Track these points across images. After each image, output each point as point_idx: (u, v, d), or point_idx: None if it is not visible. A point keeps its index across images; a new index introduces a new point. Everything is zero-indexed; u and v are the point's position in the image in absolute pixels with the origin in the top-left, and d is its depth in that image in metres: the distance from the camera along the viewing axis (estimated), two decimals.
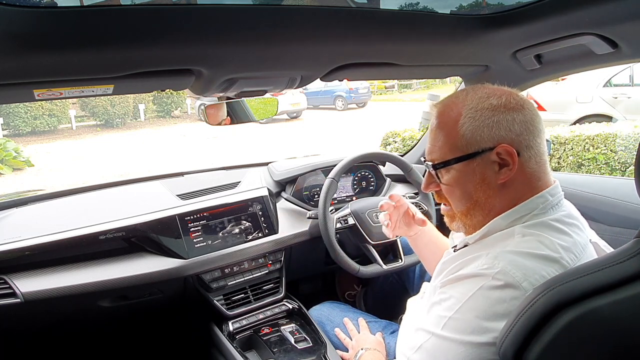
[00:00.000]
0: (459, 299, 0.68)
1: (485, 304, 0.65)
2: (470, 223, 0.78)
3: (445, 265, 0.78)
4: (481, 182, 0.74)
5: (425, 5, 0.96)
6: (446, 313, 0.70)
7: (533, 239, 0.69)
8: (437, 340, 0.70)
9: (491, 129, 0.72)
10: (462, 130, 0.74)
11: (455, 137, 0.75)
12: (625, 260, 0.53)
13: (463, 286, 0.69)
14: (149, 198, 1.44)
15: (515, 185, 0.73)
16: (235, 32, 0.77)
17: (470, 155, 0.74)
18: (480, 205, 0.75)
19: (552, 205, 0.74)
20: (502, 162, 0.72)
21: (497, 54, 1.16)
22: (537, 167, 0.74)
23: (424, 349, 0.72)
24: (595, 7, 0.85)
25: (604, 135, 3.70)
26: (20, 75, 0.76)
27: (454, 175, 0.76)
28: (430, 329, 0.72)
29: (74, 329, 1.46)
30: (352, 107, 13.60)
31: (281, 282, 1.50)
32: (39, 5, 0.66)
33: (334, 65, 1.02)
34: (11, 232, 1.21)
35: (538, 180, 0.74)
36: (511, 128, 0.72)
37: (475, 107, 0.74)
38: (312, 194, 1.69)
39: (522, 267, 0.65)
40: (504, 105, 0.73)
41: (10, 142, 8.06)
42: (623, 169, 3.60)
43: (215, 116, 1.22)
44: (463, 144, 0.74)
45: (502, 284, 0.65)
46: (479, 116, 0.73)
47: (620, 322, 0.51)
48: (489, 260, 0.68)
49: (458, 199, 0.78)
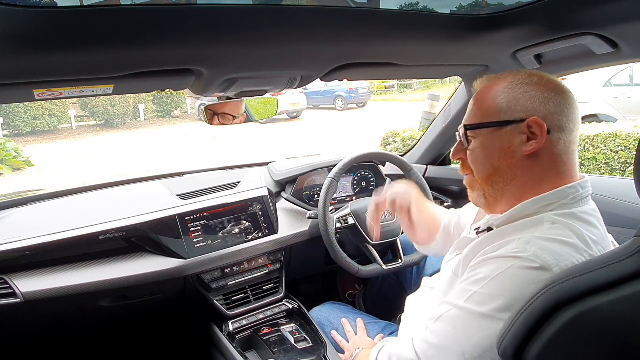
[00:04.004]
0: (487, 275, 0.69)
1: (514, 282, 0.66)
2: (490, 192, 0.79)
3: (473, 251, 0.77)
4: (506, 150, 0.75)
5: (425, 5, 0.96)
6: (472, 287, 0.70)
7: (564, 227, 0.70)
8: (458, 311, 0.71)
9: (526, 101, 0.74)
10: (498, 99, 0.76)
11: (490, 104, 0.77)
12: (625, 258, 0.53)
13: (493, 264, 0.69)
14: (149, 198, 1.44)
15: (540, 162, 0.74)
16: (235, 32, 0.77)
17: (501, 122, 0.75)
18: (501, 173, 0.76)
19: (582, 197, 0.74)
20: (531, 135, 0.73)
21: (497, 54, 1.16)
22: (565, 151, 0.75)
23: (444, 319, 0.73)
24: (595, 7, 0.85)
25: (604, 135, 3.70)
26: (20, 75, 0.76)
27: (481, 141, 0.78)
28: (453, 301, 0.72)
29: (74, 329, 1.46)
30: (352, 107, 13.60)
31: (281, 282, 1.50)
32: (39, 5, 0.66)
33: (334, 65, 1.02)
34: (11, 232, 1.21)
35: (563, 164, 0.75)
36: (546, 104, 0.73)
37: (516, 81, 0.76)
38: (312, 194, 1.69)
39: (555, 252, 0.66)
40: (544, 84, 0.75)
41: (10, 142, 8.06)
42: (623, 169, 3.60)
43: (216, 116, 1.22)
44: (496, 112, 0.76)
45: (534, 266, 0.65)
46: (517, 89, 0.75)
47: (620, 321, 0.51)
48: (520, 245, 0.68)
49: (481, 163, 0.78)
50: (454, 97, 1.66)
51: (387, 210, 1.24)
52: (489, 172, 0.78)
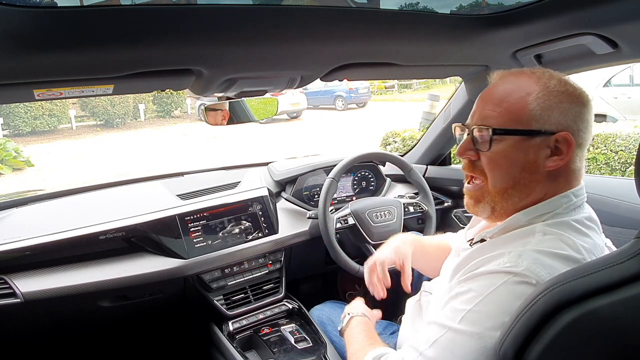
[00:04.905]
0: (479, 292, 0.66)
1: (508, 298, 0.63)
2: (503, 205, 0.74)
3: (463, 262, 0.75)
4: (532, 163, 0.71)
5: (425, 5, 0.96)
6: (465, 306, 0.67)
7: (555, 238, 0.68)
8: (454, 334, 0.67)
9: (560, 113, 0.70)
10: (532, 104, 0.70)
11: (522, 108, 0.71)
12: (625, 260, 0.53)
13: (485, 280, 0.67)
14: (149, 198, 1.44)
15: (558, 179, 0.72)
16: (235, 32, 0.77)
17: (532, 132, 0.70)
18: (520, 187, 0.72)
19: (575, 206, 0.73)
20: (555, 150, 0.70)
21: (497, 54, 1.16)
22: (580, 167, 0.73)
23: (441, 344, 0.68)
24: (595, 7, 0.85)
25: (604, 136, 3.70)
26: (20, 75, 0.76)
27: (505, 148, 0.72)
28: (446, 323, 0.68)
29: (74, 328, 1.46)
30: (352, 107, 13.59)
31: (281, 282, 1.50)
32: (39, 5, 0.66)
33: (334, 65, 1.02)
34: (11, 232, 1.21)
35: (575, 179, 0.73)
36: (576, 120, 0.71)
37: (552, 87, 0.71)
38: (312, 194, 1.69)
39: (548, 266, 0.64)
40: (578, 96, 0.72)
41: (10, 142, 8.06)
42: (623, 169, 3.60)
43: (215, 116, 1.22)
44: (528, 119, 0.70)
45: (527, 281, 0.63)
46: (552, 97, 0.71)
47: (621, 323, 0.51)
48: (512, 259, 0.66)
49: (500, 174, 0.73)
50: (454, 97, 1.66)
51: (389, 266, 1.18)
52: (507, 184, 0.73)
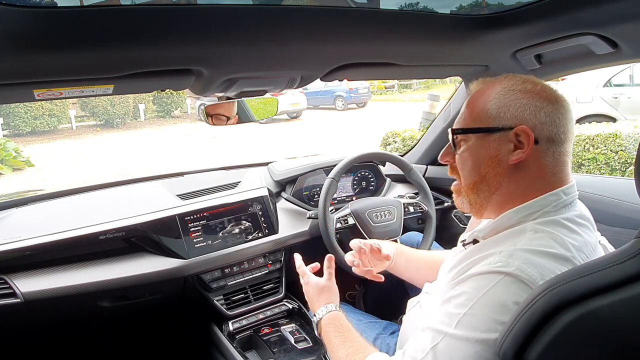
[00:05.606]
0: (472, 295, 0.66)
1: (502, 299, 0.63)
2: (475, 199, 0.78)
3: (457, 263, 0.76)
4: (493, 158, 0.74)
5: (425, 5, 0.96)
6: (459, 310, 0.66)
7: (545, 236, 0.68)
8: (451, 340, 0.66)
9: (517, 109, 0.73)
10: (489, 104, 0.75)
11: (481, 109, 0.76)
12: (625, 260, 0.53)
13: (477, 282, 0.67)
14: (149, 198, 1.44)
15: (527, 172, 0.73)
16: (235, 32, 0.77)
17: (490, 129, 0.74)
18: (487, 181, 0.76)
19: (565, 204, 0.73)
20: (518, 144, 0.72)
21: (497, 54, 1.16)
22: (554, 163, 0.73)
23: (438, 351, 0.67)
24: (595, 7, 0.85)
25: (604, 135, 3.70)
26: (20, 75, 0.76)
27: (469, 146, 0.77)
28: (442, 329, 0.68)
29: (74, 329, 1.46)
30: (352, 107, 13.59)
31: (281, 282, 1.50)
32: (39, 5, 0.66)
33: (334, 65, 1.02)
34: (11, 232, 1.21)
35: (553, 175, 0.74)
36: (537, 114, 0.72)
37: (509, 87, 0.75)
38: (312, 194, 1.69)
39: (538, 265, 0.64)
40: (538, 92, 0.74)
41: (10, 142, 8.05)
42: (623, 169, 3.60)
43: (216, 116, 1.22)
44: (486, 117, 0.75)
45: (519, 281, 0.63)
46: (509, 95, 0.74)
47: (621, 323, 0.51)
48: (503, 258, 0.66)
49: (468, 170, 0.78)
50: (454, 97, 1.66)
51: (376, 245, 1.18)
52: (475, 179, 0.77)
